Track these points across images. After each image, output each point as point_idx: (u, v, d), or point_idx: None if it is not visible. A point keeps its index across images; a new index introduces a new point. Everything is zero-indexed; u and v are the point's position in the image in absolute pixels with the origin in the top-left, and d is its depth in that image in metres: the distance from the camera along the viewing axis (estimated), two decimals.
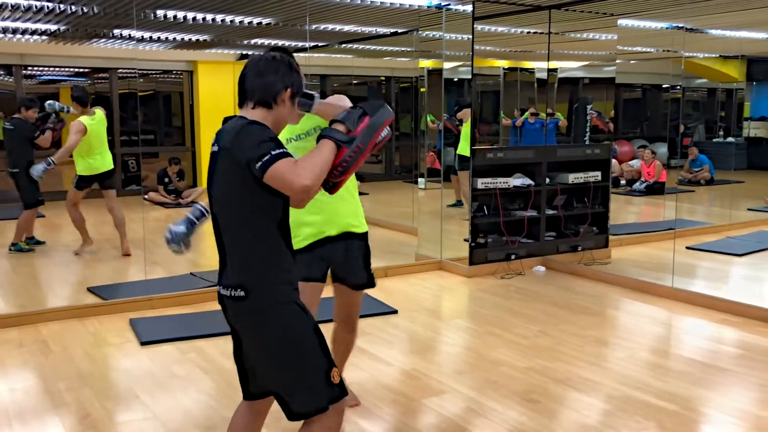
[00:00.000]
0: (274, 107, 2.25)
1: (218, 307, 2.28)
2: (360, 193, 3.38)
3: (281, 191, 2.09)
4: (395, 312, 5.17)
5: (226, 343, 4.49)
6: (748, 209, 9.89)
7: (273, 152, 2.05)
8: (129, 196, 10.12)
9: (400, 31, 8.25)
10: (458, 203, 8.96)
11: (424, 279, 6.24)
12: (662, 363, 4.23)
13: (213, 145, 2.22)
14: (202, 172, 12.48)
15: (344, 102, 2.74)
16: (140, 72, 12.77)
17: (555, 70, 7.87)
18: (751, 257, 7.13)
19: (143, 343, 4.52)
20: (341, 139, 2.21)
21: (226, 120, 2.25)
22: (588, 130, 9.73)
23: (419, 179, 7.98)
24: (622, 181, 12.22)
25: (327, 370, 2.22)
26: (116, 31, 8.84)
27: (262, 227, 2.18)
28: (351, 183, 3.19)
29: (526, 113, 9.21)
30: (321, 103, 2.52)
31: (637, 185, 11.66)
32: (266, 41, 10.08)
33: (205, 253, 7.74)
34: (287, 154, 2.08)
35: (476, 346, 4.53)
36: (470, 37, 6.15)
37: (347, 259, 3.22)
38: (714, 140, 15.50)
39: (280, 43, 10.31)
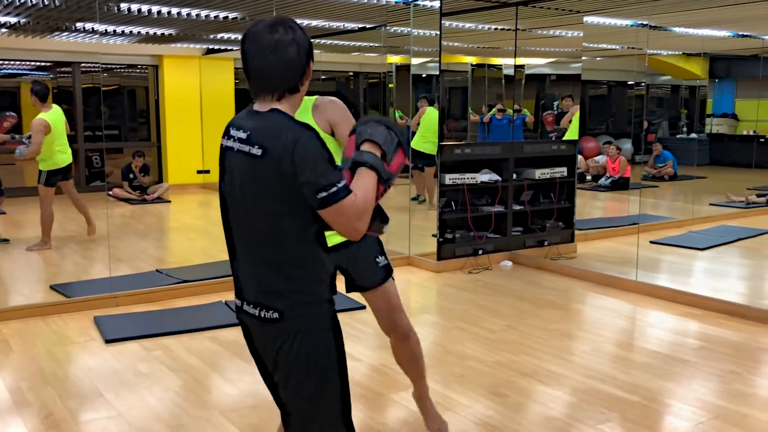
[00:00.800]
0: (300, 90, 1.92)
1: (185, 303, 2.18)
2: None
3: (331, 224, 1.82)
4: (363, 308, 5.15)
5: (192, 340, 4.48)
6: (710, 204, 10.08)
7: (338, 185, 1.76)
8: (93, 192, 9.97)
9: (368, 26, 8.25)
10: (418, 197, 9.02)
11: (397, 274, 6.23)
12: (626, 355, 4.29)
13: (229, 139, 1.92)
14: (168, 167, 12.34)
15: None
16: (104, 66, 12.55)
17: (522, 66, 7.94)
18: (713, 251, 7.27)
19: (108, 341, 4.45)
20: (384, 177, 1.88)
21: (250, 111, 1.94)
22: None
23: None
24: (588, 177, 12.37)
25: (343, 414, 1.99)
26: (79, 25, 8.68)
27: (300, 234, 1.87)
28: None
29: (494, 109, 9.27)
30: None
31: (602, 181, 11.83)
32: (233, 35, 10.00)
33: (171, 249, 7.68)
34: (348, 188, 1.79)
35: (443, 340, 4.55)
36: (438, 33, 6.17)
37: (355, 262, 2.90)
38: (677, 136, 15.77)
39: None
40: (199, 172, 12.66)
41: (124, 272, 6.15)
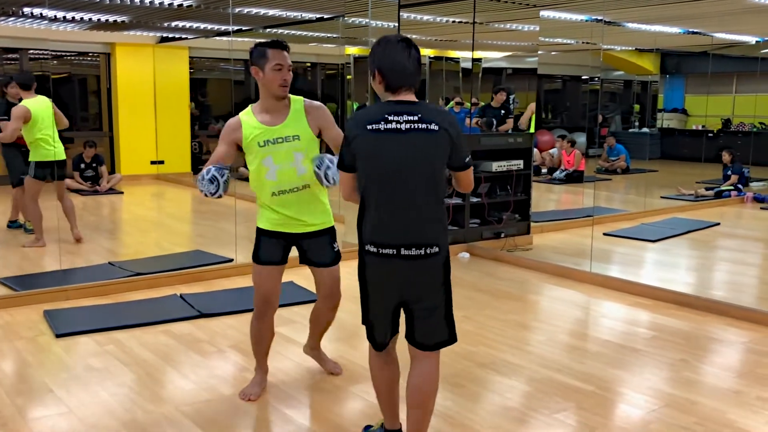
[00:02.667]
0: None
1: (138, 296, 2.23)
2: None
3: (458, 183, 2.70)
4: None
5: (146, 334, 4.40)
6: (662, 197, 10.32)
7: (469, 155, 2.66)
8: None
9: (326, 17, 8.18)
10: None
11: (351, 266, 6.21)
12: (580, 345, 4.36)
13: (389, 123, 2.51)
14: (121, 158, 12.08)
15: None
16: (54, 53, 12.23)
17: (479, 60, 7.97)
18: (664, 243, 7.44)
19: (58, 336, 4.34)
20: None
21: (395, 102, 2.56)
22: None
23: None
24: (543, 170, 12.53)
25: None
26: (27, 9, 8.42)
27: (441, 194, 2.61)
28: (320, 186, 3.33)
29: (451, 102, 9.30)
30: None
31: (557, 174, 11.99)
32: (188, 24, 9.82)
33: (124, 241, 7.52)
34: None
35: (402, 332, 4.54)
36: (396, 24, 6.15)
37: (317, 245, 3.43)
38: (629, 131, 16.09)
39: (203, 26, 10.06)
40: (152, 162, 12.44)
41: (75, 265, 6.01)
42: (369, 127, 2.54)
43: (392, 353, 2.84)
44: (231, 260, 6.15)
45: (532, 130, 7.61)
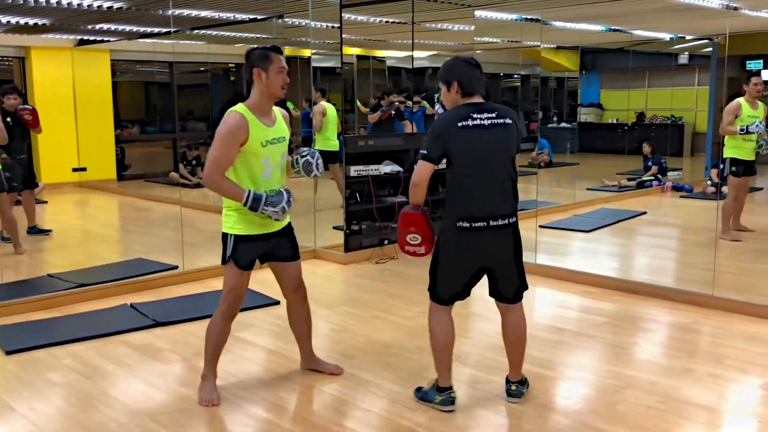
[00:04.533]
0: None
1: (86, 308, 2.18)
2: None
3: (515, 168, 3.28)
4: (277, 303, 5.10)
5: (105, 346, 4.27)
6: (587, 189, 10.72)
7: None
8: None
9: (259, 17, 8.10)
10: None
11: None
12: (538, 334, 4.49)
13: (474, 120, 3.13)
14: (41, 166, 11.56)
15: None
16: None
17: (412, 59, 8.07)
18: (598, 233, 7.76)
19: (9, 353, 4.15)
20: None
21: (479, 104, 3.21)
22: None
23: None
24: None
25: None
26: None
27: (515, 175, 3.23)
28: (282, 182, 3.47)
29: (387, 101, 9.36)
30: None
31: None
32: (112, 26, 9.52)
33: (58, 252, 7.22)
34: None
35: (364, 330, 4.59)
36: (338, 25, 6.16)
37: (281, 243, 3.55)
38: (549, 125, 16.60)
39: (141, 28, 9.77)
40: (74, 170, 11.98)
41: (12, 279, 5.75)
42: (459, 124, 3.13)
43: (451, 314, 3.39)
44: (176, 267, 6.02)
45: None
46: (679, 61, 14.03)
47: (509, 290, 3.36)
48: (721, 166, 8.21)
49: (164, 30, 9.71)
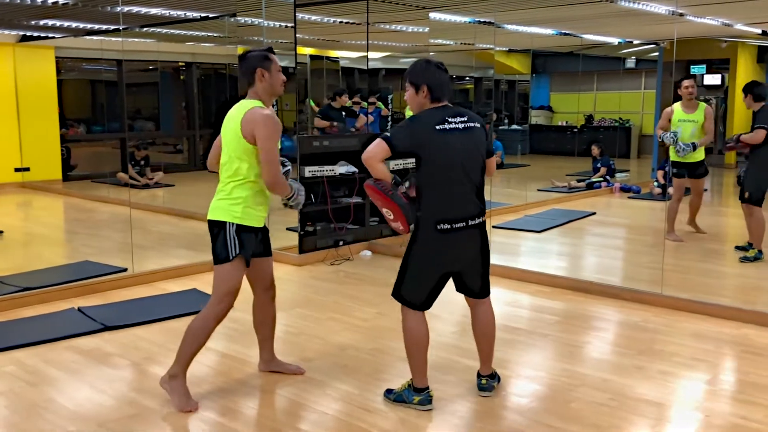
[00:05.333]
0: None
1: (31, 312, 2.11)
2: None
3: (488, 168, 3.39)
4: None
5: (50, 352, 4.14)
6: (539, 190, 10.87)
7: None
8: None
9: (211, 15, 7.98)
10: None
11: None
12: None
13: (449, 124, 3.21)
14: None
15: None
16: None
17: (366, 59, 8.06)
18: (549, 233, 7.87)
19: None
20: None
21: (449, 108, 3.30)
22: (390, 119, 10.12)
23: None
24: None
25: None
26: None
27: (484, 175, 3.36)
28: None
29: (348, 102, 9.34)
30: None
31: None
32: (57, 22, 9.26)
33: (4, 255, 6.98)
34: None
35: (320, 332, 4.56)
36: (291, 24, 6.10)
37: (262, 238, 3.60)
38: (500, 127, 16.79)
39: (88, 25, 9.53)
40: (17, 170, 11.62)
41: None
42: (437, 127, 3.21)
43: (425, 317, 3.45)
44: (125, 269, 5.89)
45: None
46: (627, 65, 14.36)
47: (476, 285, 3.47)
48: (666, 167, 8.42)
49: (112, 27, 9.49)
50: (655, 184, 10.48)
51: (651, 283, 5.40)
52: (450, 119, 3.24)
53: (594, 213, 8.98)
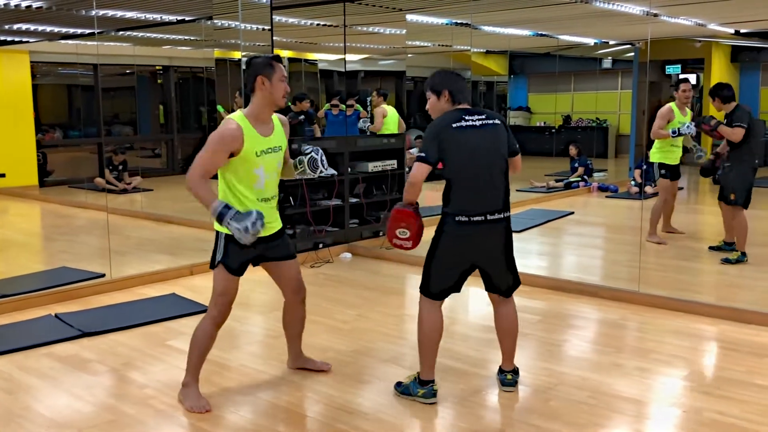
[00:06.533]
0: None
1: (7, 320, 2.14)
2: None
3: (513, 166, 3.50)
4: (205, 310, 4.99)
5: (26, 359, 4.10)
6: (517, 190, 10.91)
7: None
8: None
9: (187, 18, 7.93)
10: None
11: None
12: (473, 334, 4.55)
13: (466, 122, 3.33)
14: None
15: None
16: None
17: (344, 62, 8.06)
18: (528, 233, 7.91)
19: None
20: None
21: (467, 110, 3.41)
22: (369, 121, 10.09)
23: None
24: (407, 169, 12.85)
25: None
26: None
27: (507, 172, 3.43)
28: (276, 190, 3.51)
29: (326, 105, 9.33)
30: None
31: None
32: (31, 26, 9.16)
33: None
34: None
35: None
36: (269, 27, 6.09)
37: (276, 244, 3.56)
38: None
39: (63, 29, 9.44)
40: None
41: None
42: (454, 125, 3.34)
43: (441, 308, 3.52)
44: (103, 275, 5.83)
45: (395, 130, 7.81)
46: (603, 66, 14.50)
47: (504, 284, 3.56)
48: (644, 166, 8.50)
49: (88, 31, 9.40)
50: (633, 183, 10.58)
51: (629, 281, 5.46)
52: (467, 117, 3.36)
53: (572, 212, 9.05)
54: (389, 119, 8.24)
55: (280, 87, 3.34)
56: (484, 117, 3.39)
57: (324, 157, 3.70)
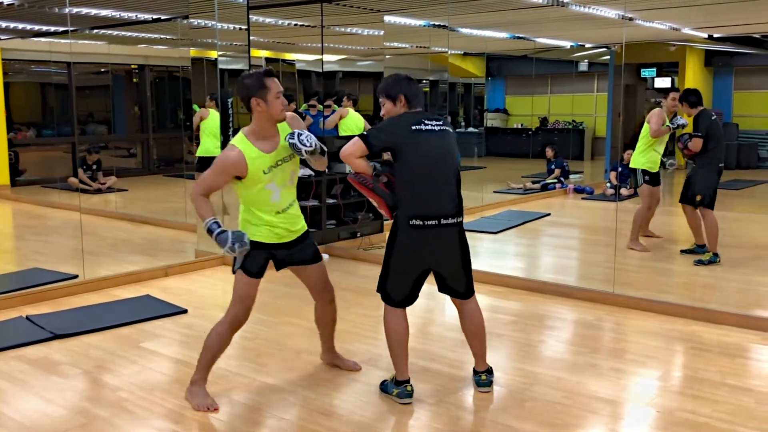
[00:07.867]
0: None
1: None
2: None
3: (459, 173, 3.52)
4: (185, 311, 4.97)
5: (2, 362, 4.01)
6: (494, 192, 10.98)
7: None
8: None
9: (163, 17, 7.86)
10: None
11: (208, 275, 6.07)
12: (449, 335, 4.54)
13: (426, 125, 3.36)
14: None
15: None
16: None
17: (321, 62, 8.04)
18: (505, 234, 7.95)
19: None
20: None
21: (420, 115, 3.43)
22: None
23: (196, 173, 7.69)
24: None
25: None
26: None
27: (459, 177, 3.47)
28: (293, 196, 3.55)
29: (303, 105, 9.30)
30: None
31: None
32: (9, 24, 9.03)
33: None
34: None
35: (276, 336, 4.52)
36: (245, 27, 6.05)
37: (300, 248, 3.60)
38: (457, 130, 16.91)
39: (36, 27, 9.31)
40: None
41: None
42: (413, 127, 3.36)
43: (405, 313, 3.56)
44: (76, 276, 5.76)
45: (355, 132, 7.81)
46: (579, 69, 14.60)
47: (460, 286, 3.58)
48: (619, 168, 8.58)
49: (61, 29, 9.28)
50: (608, 185, 10.68)
51: (603, 282, 5.50)
52: (426, 121, 3.39)
53: (549, 214, 9.10)
54: (348, 121, 8.20)
55: (277, 104, 3.33)
56: (441, 123, 3.44)
57: (302, 137, 3.34)
